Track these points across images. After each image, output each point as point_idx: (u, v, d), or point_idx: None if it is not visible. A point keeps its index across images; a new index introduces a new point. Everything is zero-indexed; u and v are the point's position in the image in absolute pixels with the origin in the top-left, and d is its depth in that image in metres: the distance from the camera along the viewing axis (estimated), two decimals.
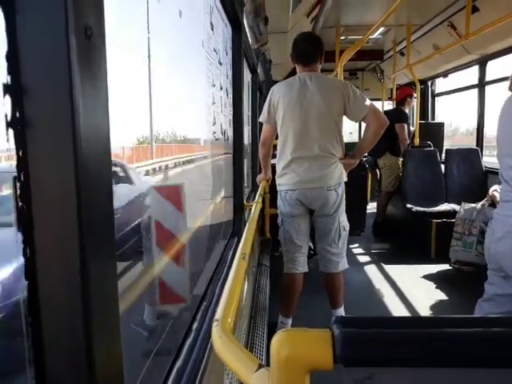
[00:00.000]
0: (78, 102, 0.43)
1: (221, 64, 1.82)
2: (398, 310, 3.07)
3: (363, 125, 2.63)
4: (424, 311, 3.06)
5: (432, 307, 3.12)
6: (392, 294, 3.38)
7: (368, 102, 2.41)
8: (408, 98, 4.98)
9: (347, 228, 2.57)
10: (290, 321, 2.64)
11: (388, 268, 3.97)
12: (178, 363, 0.96)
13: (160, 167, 3.64)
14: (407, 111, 5.13)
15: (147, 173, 3.19)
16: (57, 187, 0.44)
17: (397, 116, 4.79)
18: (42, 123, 0.43)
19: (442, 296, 3.34)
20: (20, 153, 0.42)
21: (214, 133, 1.66)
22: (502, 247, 1.66)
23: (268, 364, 0.48)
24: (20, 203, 0.43)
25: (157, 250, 1.46)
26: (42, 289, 0.45)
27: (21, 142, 0.43)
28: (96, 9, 0.48)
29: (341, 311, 2.65)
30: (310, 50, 2.47)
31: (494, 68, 4.67)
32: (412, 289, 3.43)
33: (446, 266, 3.90)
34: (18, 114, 0.42)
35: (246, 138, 3.90)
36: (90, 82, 0.46)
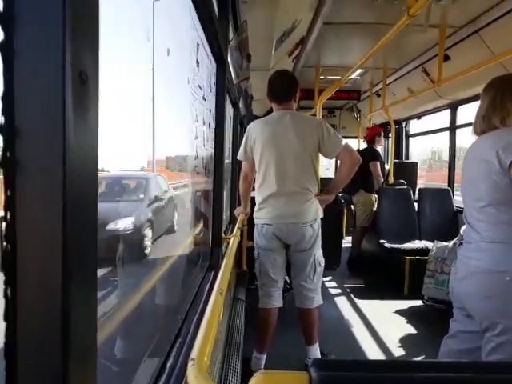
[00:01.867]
0: (69, 145, 0.44)
1: (205, 99, 1.86)
2: (371, 346, 3.07)
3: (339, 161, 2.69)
4: (397, 349, 3.06)
5: (404, 344, 3.13)
6: (365, 329, 3.38)
7: (342, 139, 2.47)
8: (377, 136, 5.15)
9: (322, 264, 2.59)
10: (264, 356, 2.60)
11: (362, 303, 3.98)
12: None
13: None
14: (379, 149, 5.31)
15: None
16: (43, 230, 0.44)
17: (370, 155, 4.95)
18: (33, 165, 0.44)
19: (413, 332, 3.37)
20: (8, 193, 0.43)
21: (196, 167, 1.68)
22: (464, 287, 1.72)
23: None
24: (4, 244, 0.43)
25: None
26: (21, 335, 0.44)
27: (10, 182, 0.43)
28: (92, 54, 0.50)
29: (315, 348, 2.63)
30: (285, 89, 2.52)
31: (465, 112, 4.91)
32: (385, 324, 3.45)
33: (418, 303, 3.94)
34: (8, 154, 0.43)
35: (227, 171, 3.93)
36: (83, 125, 0.47)
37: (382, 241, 4.51)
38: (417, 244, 4.40)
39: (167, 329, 1.50)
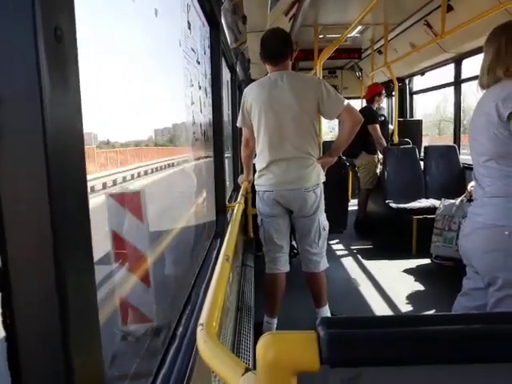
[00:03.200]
0: (48, 106, 0.41)
1: (199, 63, 1.80)
2: (380, 305, 3.11)
3: None
4: (406, 306, 3.10)
5: (413, 302, 3.17)
6: (375, 289, 3.42)
7: (342, 99, 2.39)
8: (376, 96, 5.01)
9: (327, 228, 2.58)
10: (275, 320, 2.64)
11: (370, 264, 4.01)
12: (163, 370, 0.94)
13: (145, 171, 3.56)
14: (384, 107, 5.19)
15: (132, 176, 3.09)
16: (29, 198, 0.42)
17: (368, 117, 4.81)
18: (12, 131, 0.41)
19: (423, 290, 3.40)
20: None
21: (194, 133, 1.65)
22: (469, 243, 1.73)
23: (255, 366, 0.48)
24: None
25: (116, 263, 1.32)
26: (16, 301, 0.43)
27: None
28: (66, 9, 0.46)
29: (325, 309, 2.66)
30: (279, 49, 2.39)
31: (470, 66, 4.77)
32: (394, 284, 3.48)
33: (426, 261, 3.97)
34: None
35: (227, 138, 3.88)
36: (62, 85, 0.44)
37: (388, 201, 4.50)
38: (423, 203, 4.39)
39: (176, 297, 1.50)
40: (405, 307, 3.08)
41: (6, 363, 0.45)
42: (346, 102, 2.39)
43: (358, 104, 7.23)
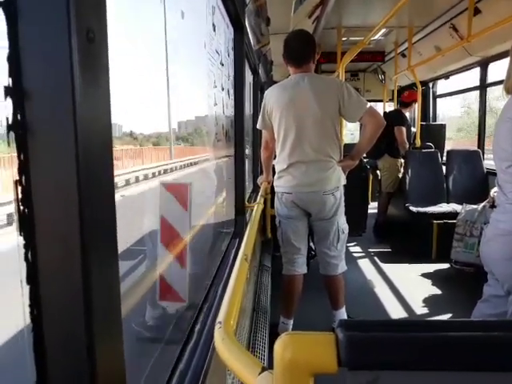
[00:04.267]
0: (79, 105, 0.42)
1: (222, 65, 1.82)
2: (398, 309, 3.07)
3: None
4: (423, 310, 3.06)
5: (431, 307, 3.12)
6: (393, 294, 3.38)
7: (364, 102, 2.36)
8: (413, 102, 5.03)
9: (346, 231, 2.55)
10: (291, 321, 2.64)
11: (388, 268, 3.97)
12: (181, 366, 0.96)
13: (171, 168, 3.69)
14: (407, 114, 5.15)
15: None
16: (59, 191, 0.43)
17: (396, 119, 4.79)
18: (44, 126, 0.43)
19: (442, 295, 3.35)
20: (21, 156, 0.42)
21: (216, 134, 1.66)
22: (490, 250, 1.71)
23: (270, 365, 0.48)
24: (22, 207, 0.43)
25: (161, 248, 1.48)
26: (44, 293, 0.45)
27: (22, 146, 0.42)
28: (98, 12, 0.48)
29: (342, 312, 2.64)
30: (303, 50, 2.38)
31: (496, 70, 4.67)
32: (413, 288, 3.43)
33: (446, 266, 3.90)
34: (19, 117, 0.42)
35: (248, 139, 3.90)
36: (92, 85, 0.46)
37: (408, 205, 4.44)
38: (444, 208, 4.31)
39: (195, 293, 1.53)
40: (422, 312, 3.04)
41: (32, 354, 0.46)
42: (369, 104, 2.37)
43: (380, 107, 7.15)
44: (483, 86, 4.81)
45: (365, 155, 3.86)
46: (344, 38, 5.11)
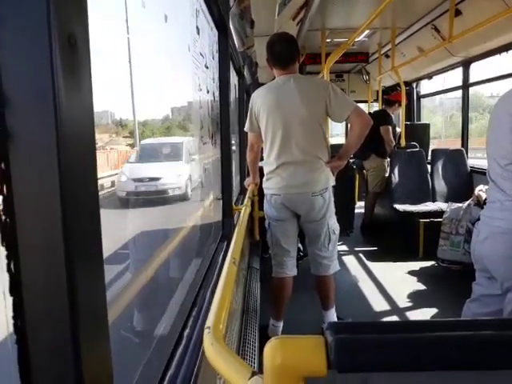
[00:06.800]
0: (62, 111, 0.42)
1: (207, 68, 1.81)
2: (386, 308, 3.09)
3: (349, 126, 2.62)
4: (411, 309, 3.09)
5: (419, 305, 3.15)
6: (380, 292, 3.40)
7: (351, 101, 2.37)
8: (398, 103, 5.06)
9: (337, 231, 2.56)
10: (281, 323, 2.64)
11: (376, 267, 4.00)
12: (170, 371, 0.95)
13: None
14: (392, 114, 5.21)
15: None
16: (41, 199, 0.43)
17: (382, 118, 4.84)
18: (25, 134, 0.42)
19: (430, 294, 3.38)
20: (2, 165, 0.41)
21: (202, 137, 1.65)
22: (486, 248, 1.68)
23: (260, 368, 0.48)
24: (3, 217, 0.42)
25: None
26: (28, 304, 0.44)
27: (3, 154, 0.41)
28: (80, 17, 0.47)
29: (332, 312, 2.65)
30: (287, 52, 2.38)
31: (478, 70, 4.75)
32: (400, 287, 3.46)
33: (433, 264, 3.94)
34: None
35: (234, 141, 3.90)
36: (75, 90, 0.45)
37: (395, 204, 4.48)
38: (430, 206, 4.36)
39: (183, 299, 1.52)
40: (410, 310, 3.07)
41: (16, 367, 0.45)
42: (355, 104, 2.38)
43: (365, 108, 7.21)
44: (466, 86, 4.89)
45: (352, 156, 3.88)
46: (328, 40, 5.14)
